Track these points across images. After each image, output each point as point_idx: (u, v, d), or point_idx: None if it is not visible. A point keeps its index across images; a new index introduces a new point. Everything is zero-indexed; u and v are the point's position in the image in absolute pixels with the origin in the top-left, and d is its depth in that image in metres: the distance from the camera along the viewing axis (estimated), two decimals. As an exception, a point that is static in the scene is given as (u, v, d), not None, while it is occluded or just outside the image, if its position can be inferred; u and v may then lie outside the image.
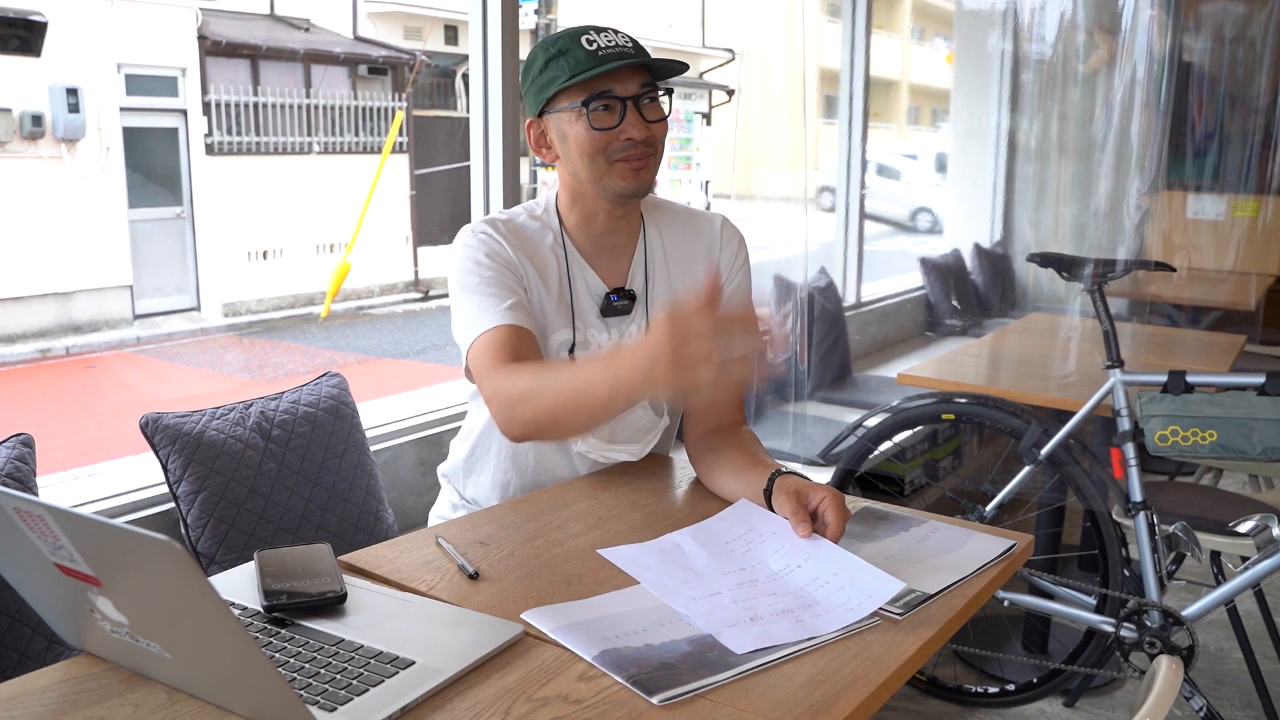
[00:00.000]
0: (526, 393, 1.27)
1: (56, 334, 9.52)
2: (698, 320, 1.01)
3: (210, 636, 0.85)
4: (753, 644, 1.02)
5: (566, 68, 1.38)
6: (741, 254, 1.60)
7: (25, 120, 9.26)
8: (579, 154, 1.41)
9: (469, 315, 1.39)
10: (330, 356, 9.65)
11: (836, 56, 4.28)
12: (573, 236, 1.50)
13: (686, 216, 1.59)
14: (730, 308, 1.48)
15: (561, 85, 1.38)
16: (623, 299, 1.50)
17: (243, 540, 1.80)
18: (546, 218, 1.51)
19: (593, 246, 1.51)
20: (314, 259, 11.64)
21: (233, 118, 11.14)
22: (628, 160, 1.40)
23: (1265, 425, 2.07)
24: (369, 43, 13.01)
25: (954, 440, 3.83)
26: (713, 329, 1.01)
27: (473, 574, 1.19)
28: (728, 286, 1.58)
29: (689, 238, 1.57)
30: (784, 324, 3.31)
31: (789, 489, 1.28)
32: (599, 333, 1.50)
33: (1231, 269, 4.91)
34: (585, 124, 1.39)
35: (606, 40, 1.38)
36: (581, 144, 1.40)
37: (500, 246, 1.44)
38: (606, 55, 1.37)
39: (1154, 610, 2.24)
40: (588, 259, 1.50)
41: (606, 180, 1.42)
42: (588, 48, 1.37)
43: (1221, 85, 4.94)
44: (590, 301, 1.50)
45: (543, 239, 1.49)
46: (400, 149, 12.56)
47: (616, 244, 1.52)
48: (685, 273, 1.56)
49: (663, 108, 1.42)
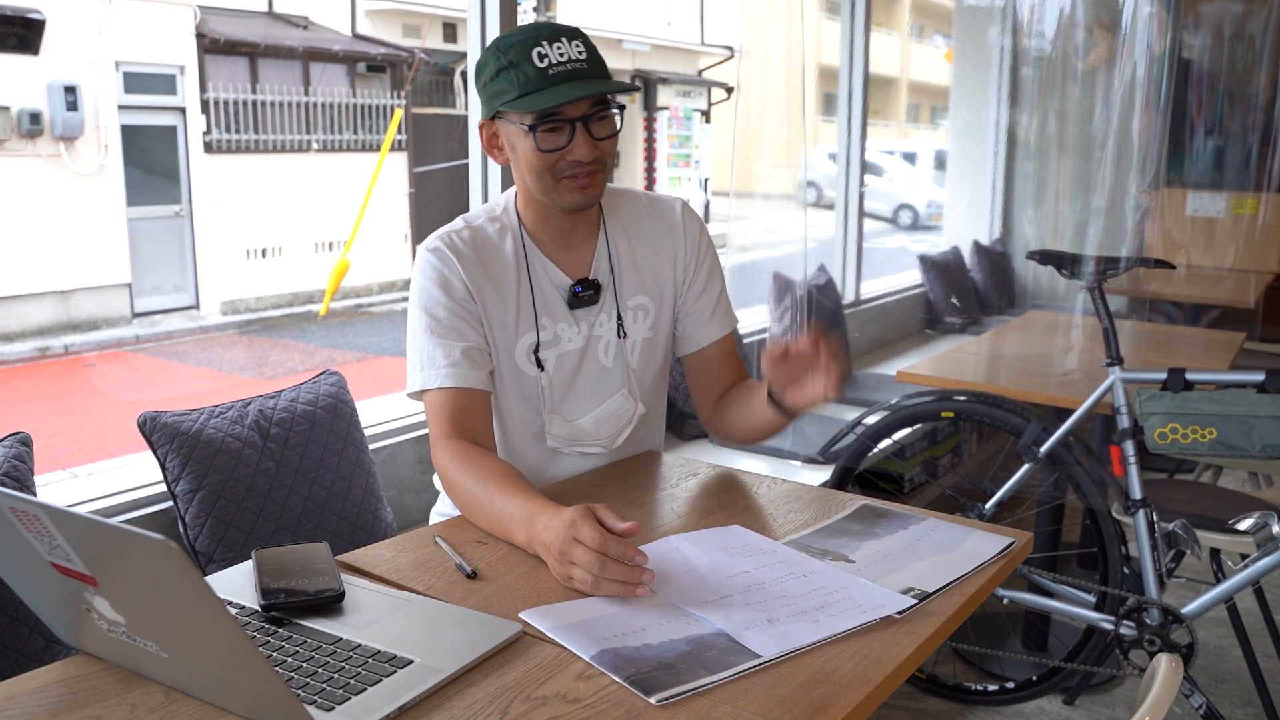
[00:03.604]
0: (461, 492, 1.36)
1: (55, 332, 9.52)
2: (590, 535, 1.10)
3: (207, 636, 0.85)
4: (776, 647, 1.01)
5: (516, 84, 1.35)
6: (704, 239, 1.62)
7: (24, 118, 9.26)
8: (527, 169, 1.42)
9: (418, 359, 1.44)
10: (329, 355, 9.64)
11: (836, 54, 4.27)
12: (532, 233, 1.51)
13: (646, 203, 1.61)
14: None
15: (509, 101, 1.36)
16: (588, 289, 1.51)
17: (241, 539, 1.79)
18: (506, 218, 1.52)
19: (553, 241, 1.52)
20: (313, 257, 11.63)
21: (231, 115, 11.13)
22: (575, 178, 1.40)
23: (1265, 423, 2.07)
24: (368, 40, 13.00)
25: (953, 438, 3.83)
26: (599, 553, 1.09)
27: (471, 573, 1.19)
28: (698, 276, 1.60)
29: (650, 224, 1.59)
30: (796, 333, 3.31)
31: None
32: (569, 326, 1.52)
33: (1231, 266, 4.91)
34: (533, 143, 1.38)
35: (559, 54, 1.35)
36: (529, 161, 1.40)
37: (455, 273, 1.45)
38: (556, 75, 1.34)
39: (1153, 608, 2.24)
40: (549, 254, 1.51)
41: (554, 195, 1.43)
42: (538, 64, 1.34)
43: (1221, 83, 4.94)
44: (556, 296, 1.51)
45: (503, 241, 1.50)
46: (399, 147, 12.56)
47: (577, 238, 1.53)
48: (648, 257, 1.57)
49: (614, 124, 1.41)
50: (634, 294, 1.56)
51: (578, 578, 1.11)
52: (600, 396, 1.54)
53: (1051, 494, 2.67)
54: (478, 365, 1.44)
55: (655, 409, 1.64)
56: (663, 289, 1.58)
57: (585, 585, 1.11)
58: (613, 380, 1.55)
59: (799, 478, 2.49)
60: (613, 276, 1.54)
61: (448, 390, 1.41)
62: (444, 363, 1.41)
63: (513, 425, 1.53)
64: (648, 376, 1.59)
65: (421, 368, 1.43)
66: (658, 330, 1.58)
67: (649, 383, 1.59)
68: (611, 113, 1.41)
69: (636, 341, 1.56)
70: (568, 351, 1.51)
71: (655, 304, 1.58)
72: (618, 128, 1.42)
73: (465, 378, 1.41)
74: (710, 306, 1.61)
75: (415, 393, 1.44)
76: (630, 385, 1.56)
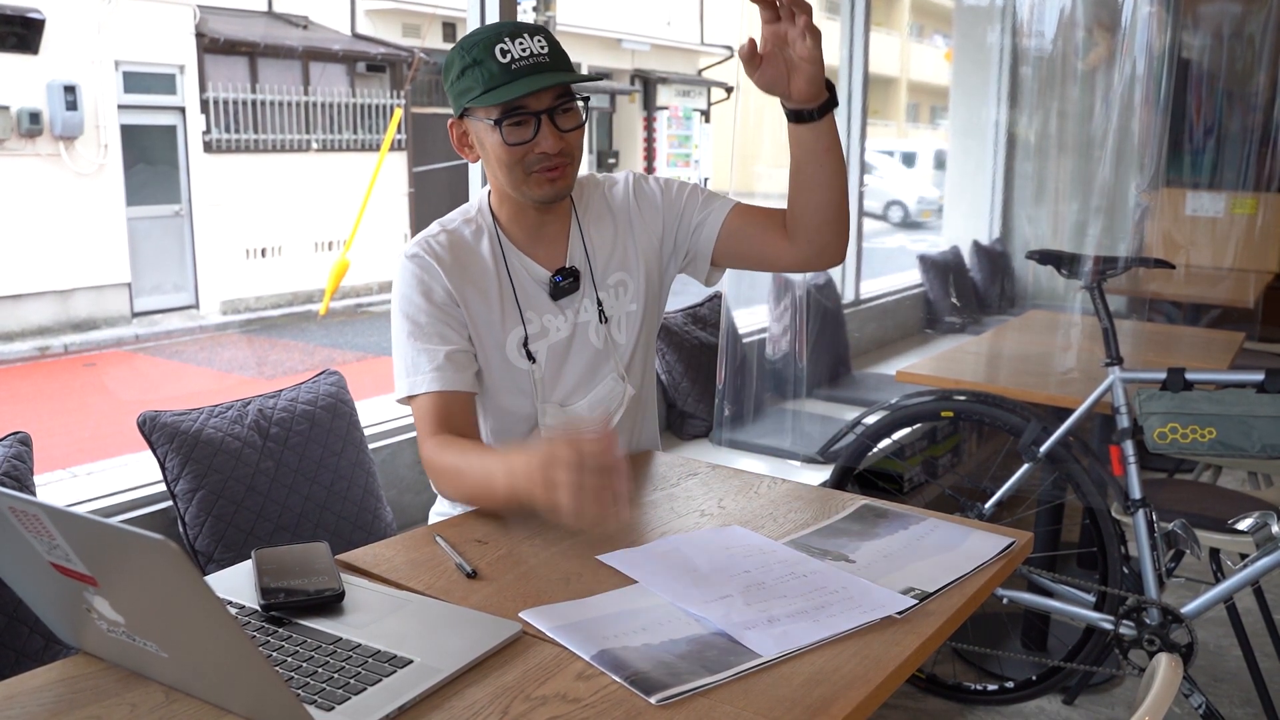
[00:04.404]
0: (446, 472, 1.40)
1: (55, 332, 9.52)
2: (570, 452, 1.11)
3: (207, 636, 0.85)
4: (776, 647, 1.01)
5: (480, 80, 1.38)
6: (660, 185, 1.62)
7: (23, 118, 9.26)
8: (496, 164, 1.45)
9: (404, 365, 1.46)
10: (329, 354, 9.64)
11: (835, 53, 4.27)
12: (507, 231, 1.54)
13: (605, 185, 1.63)
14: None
15: (475, 99, 1.39)
16: (567, 278, 1.53)
17: (241, 538, 1.79)
18: (481, 218, 1.54)
19: (528, 237, 1.54)
20: (312, 256, 11.64)
21: (231, 115, 11.13)
22: (543, 171, 1.43)
23: (1264, 422, 2.07)
24: (367, 40, 13.01)
25: (953, 438, 3.83)
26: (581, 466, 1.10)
27: (470, 573, 1.19)
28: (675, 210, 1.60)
29: (612, 202, 1.61)
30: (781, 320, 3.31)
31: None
32: (554, 316, 1.53)
33: (1230, 266, 4.91)
34: (499, 138, 1.40)
35: (521, 49, 1.37)
36: (498, 156, 1.43)
37: (435, 278, 1.47)
38: (519, 69, 1.37)
39: (1153, 608, 2.24)
40: (525, 249, 1.54)
41: (524, 188, 1.45)
42: (501, 60, 1.37)
43: (1220, 82, 4.94)
44: (538, 289, 1.53)
45: (479, 243, 1.52)
46: (399, 146, 12.56)
47: (551, 231, 1.55)
48: (618, 235, 1.59)
49: (579, 115, 1.45)
50: (611, 272, 1.58)
51: (562, 498, 1.11)
52: (591, 382, 1.56)
53: (1051, 494, 2.67)
54: (462, 368, 1.45)
55: (646, 393, 1.65)
56: (645, 258, 1.59)
57: (571, 503, 1.10)
58: (603, 364, 1.57)
59: (799, 477, 2.49)
60: (589, 262, 1.56)
61: (434, 395, 1.43)
62: (428, 368, 1.43)
63: (507, 420, 1.54)
64: (635, 353, 1.60)
65: (408, 374, 1.45)
66: (640, 302, 1.60)
67: (637, 360, 1.61)
68: (575, 104, 1.43)
69: (620, 317, 1.58)
70: (557, 341, 1.54)
71: (634, 278, 1.59)
72: (583, 119, 1.45)
73: (450, 381, 1.44)
74: (700, 206, 1.60)
75: (403, 398, 1.47)
76: (619, 368, 1.57)
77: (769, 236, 1.55)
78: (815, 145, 1.43)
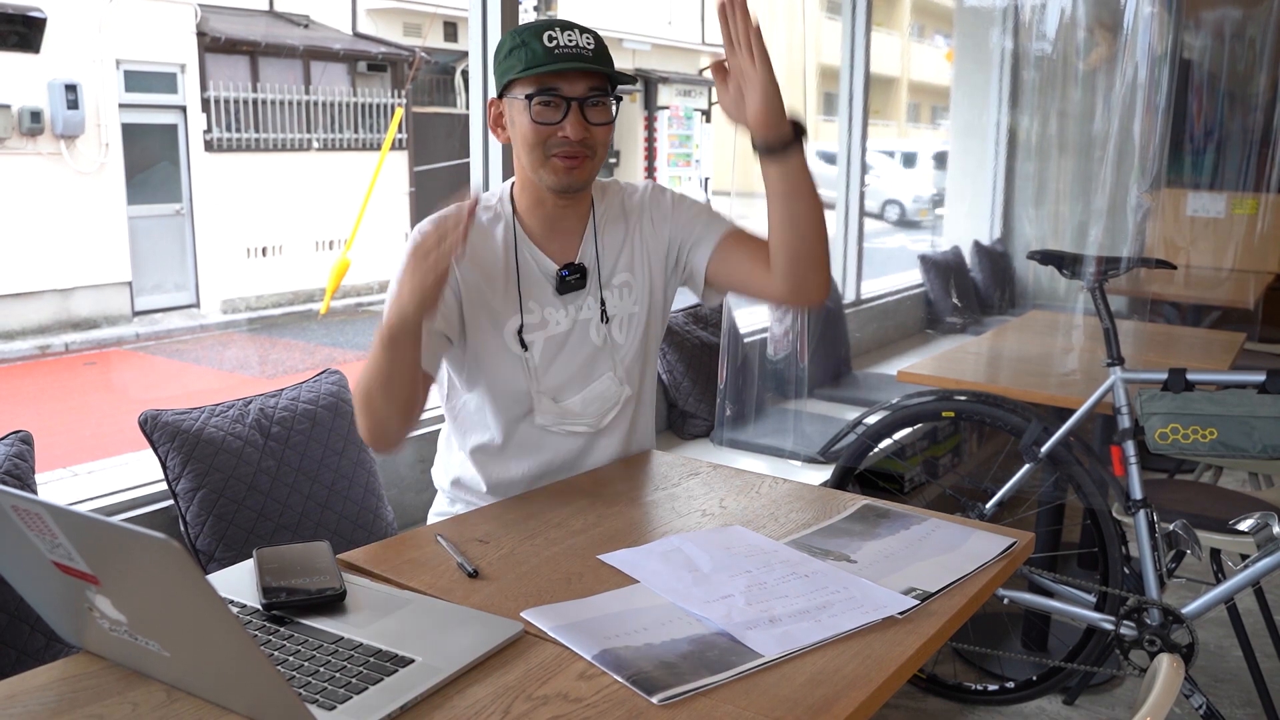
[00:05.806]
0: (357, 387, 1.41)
1: (56, 330, 9.52)
2: (435, 226, 1.27)
3: (208, 635, 0.85)
4: (778, 647, 1.01)
5: (523, 59, 1.43)
6: (674, 200, 1.63)
7: (24, 117, 9.26)
8: (521, 142, 1.48)
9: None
10: (330, 353, 9.65)
11: (836, 54, 4.27)
12: (524, 221, 1.55)
13: (626, 190, 1.65)
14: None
15: (515, 75, 1.44)
16: (574, 274, 1.55)
17: (242, 538, 1.79)
18: (500, 206, 1.57)
19: (544, 229, 1.55)
20: (313, 256, 11.63)
21: (232, 114, 11.13)
22: (562, 157, 1.45)
23: (1265, 423, 2.07)
24: (368, 39, 13.00)
25: (954, 438, 3.83)
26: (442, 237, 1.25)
27: (472, 572, 1.19)
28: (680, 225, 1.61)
29: (629, 208, 1.62)
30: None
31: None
32: (555, 309, 1.55)
33: (1231, 267, 4.91)
34: (529, 116, 1.44)
35: (568, 39, 1.43)
36: (524, 134, 1.46)
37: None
38: (562, 55, 1.42)
39: (1154, 608, 2.24)
40: (539, 241, 1.55)
41: (541, 172, 1.48)
42: (547, 44, 1.42)
43: (1221, 83, 4.94)
44: (544, 281, 1.54)
45: (494, 229, 1.55)
46: (400, 146, 12.56)
47: (567, 226, 1.57)
48: (630, 239, 1.60)
49: (609, 111, 1.48)
50: (617, 273, 1.59)
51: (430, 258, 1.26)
52: (588, 379, 1.57)
53: (1052, 494, 2.67)
54: (426, 348, 1.43)
55: (644, 395, 1.65)
56: (651, 264, 1.60)
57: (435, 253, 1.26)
58: (600, 362, 1.57)
59: (799, 477, 2.49)
60: (598, 261, 1.57)
61: None
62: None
63: (505, 402, 1.55)
64: (635, 355, 1.60)
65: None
66: (643, 306, 1.60)
67: (636, 362, 1.61)
68: (608, 100, 1.47)
69: (622, 318, 1.59)
70: (555, 334, 1.55)
71: (638, 281, 1.60)
72: (612, 116, 1.48)
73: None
74: (703, 225, 1.61)
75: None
76: (617, 367, 1.58)
77: (755, 267, 1.55)
78: (783, 185, 1.44)
